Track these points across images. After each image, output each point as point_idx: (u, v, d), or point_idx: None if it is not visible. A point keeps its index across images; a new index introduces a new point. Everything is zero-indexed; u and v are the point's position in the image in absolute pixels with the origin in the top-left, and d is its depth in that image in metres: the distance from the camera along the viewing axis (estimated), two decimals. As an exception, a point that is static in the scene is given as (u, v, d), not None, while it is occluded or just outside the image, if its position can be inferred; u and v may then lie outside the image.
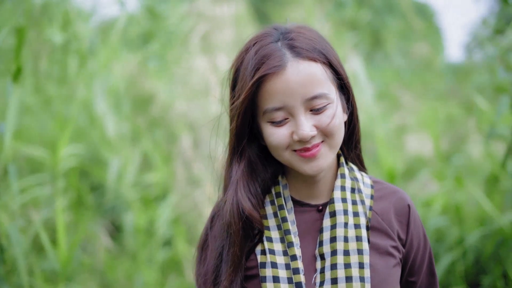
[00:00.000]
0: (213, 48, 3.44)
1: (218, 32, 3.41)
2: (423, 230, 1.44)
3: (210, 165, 3.25)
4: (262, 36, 1.27)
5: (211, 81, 3.39)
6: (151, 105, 3.46)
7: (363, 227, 1.32)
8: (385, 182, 1.46)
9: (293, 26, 1.29)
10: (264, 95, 1.22)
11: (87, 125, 3.27)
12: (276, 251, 1.29)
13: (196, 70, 3.41)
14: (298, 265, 1.27)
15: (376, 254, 1.32)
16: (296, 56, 1.21)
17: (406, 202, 1.41)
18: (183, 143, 3.31)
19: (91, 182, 3.29)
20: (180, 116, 3.40)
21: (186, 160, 3.30)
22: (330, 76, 1.25)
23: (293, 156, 1.26)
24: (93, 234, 3.06)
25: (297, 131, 1.21)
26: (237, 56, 1.30)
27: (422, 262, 1.43)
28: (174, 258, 3.22)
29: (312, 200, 1.36)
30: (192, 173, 3.31)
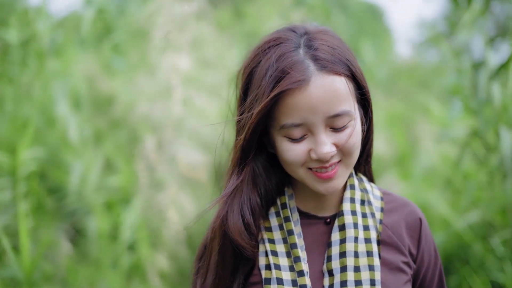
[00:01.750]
0: (174, 47, 3.44)
1: (179, 31, 3.42)
2: (434, 245, 1.39)
3: (175, 168, 3.26)
4: (281, 39, 1.19)
5: (173, 81, 3.38)
6: (112, 106, 3.44)
7: (374, 242, 1.27)
8: (394, 194, 1.40)
9: (314, 30, 1.21)
10: (283, 110, 1.14)
11: (46, 127, 3.22)
12: (282, 266, 1.23)
13: (158, 69, 3.41)
14: (305, 282, 1.21)
15: (387, 270, 1.27)
16: (321, 70, 1.13)
17: (418, 216, 1.35)
18: (146, 145, 3.30)
19: (50, 185, 3.25)
20: (142, 117, 3.39)
21: (150, 162, 3.30)
22: (353, 90, 1.19)
23: (308, 174, 1.20)
24: (54, 239, 3.03)
25: (317, 150, 1.15)
26: (251, 57, 1.22)
27: (432, 279, 1.37)
28: (138, 264, 3.21)
29: (319, 212, 1.30)
30: (156, 176, 3.31)
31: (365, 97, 1.24)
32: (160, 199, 3.27)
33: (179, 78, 3.36)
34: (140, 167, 3.25)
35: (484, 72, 3.30)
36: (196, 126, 3.46)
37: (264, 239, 1.27)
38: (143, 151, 3.30)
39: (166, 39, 3.29)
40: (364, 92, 1.22)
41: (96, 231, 3.08)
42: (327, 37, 1.19)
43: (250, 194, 1.25)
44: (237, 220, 1.22)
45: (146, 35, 3.30)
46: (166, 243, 3.32)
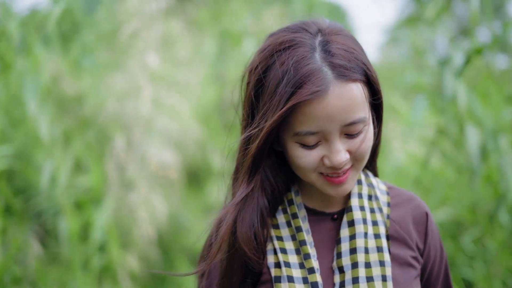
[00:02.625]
0: (144, 45, 3.44)
1: (149, 29, 3.42)
2: (440, 239, 1.38)
3: (145, 167, 3.28)
4: (295, 41, 1.15)
5: (142, 79, 3.39)
6: (81, 106, 3.42)
7: (383, 237, 1.26)
8: (399, 187, 1.39)
9: (328, 30, 1.18)
10: (299, 117, 1.12)
11: (14, 126, 3.19)
12: (292, 263, 1.22)
13: (127, 68, 3.41)
14: (316, 279, 1.20)
15: (397, 266, 1.26)
16: (339, 78, 1.11)
17: (424, 210, 1.34)
18: (116, 144, 3.30)
19: (18, 185, 3.22)
20: (112, 116, 3.38)
21: (120, 162, 3.30)
22: (367, 96, 1.17)
23: (319, 178, 1.19)
24: (23, 240, 3.00)
25: (331, 158, 1.14)
26: (262, 57, 1.17)
27: (438, 274, 1.37)
28: (109, 265, 3.21)
29: (325, 208, 1.29)
30: (126, 176, 3.31)
31: (378, 101, 1.22)
32: (131, 199, 3.28)
33: (148, 76, 3.37)
34: (110, 167, 3.25)
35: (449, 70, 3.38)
36: (167, 125, 3.48)
37: (272, 237, 1.25)
38: (113, 150, 3.29)
39: (135, 37, 3.29)
40: (378, 96, 1.21)
41: (66, 232, 3.06)
42: (342, 38, 1.16)
43: (259, 201, 1.22)
44: (246, 230, 1.20)
45: (115, 33, 3.29)
46: (137, 243, 3.32)
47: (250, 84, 1.19)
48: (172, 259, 3.66)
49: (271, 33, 1.23)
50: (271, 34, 1.22)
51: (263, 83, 1.16)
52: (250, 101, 1.19)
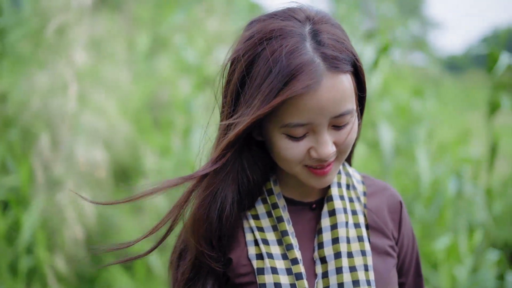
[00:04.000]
0: (69, 42, 3.42)
1: (76, 25, 3.41)
2: (411, 228, 1.39)
3: (72, 166, 3.26)
4: (285, 30, 1.12)
5: (68, 76, 3.36)
6: (3, 104, 3.36)
7: (363, 226, 1.27)
8: (372, 177, 1.40)
9: (317, 18, 1.16)
10: (289, 109, 1.10)
11: None
12: (275, 254, 1.20)
13: (52, 66, 3.38)
14: (300, 270, 1.19)
15: (376, 255, 1.27)
16: (331, 69, 1.10)
17: (398, 199, 1.36)
18: (41, 143, 3.26)
19: None
20: (36, 115, 3.34)
21: (46, 161, 3.26)
22: (355, 87, 1.17)
23: (303, 171, 1.18)
24: None
25: (319, 149, 1.14)
26: (250, 45, 1.14)
27: (411, 262, 1.38)
28: (37, 266, 3.17)
29: (303, 198, 1.29)
30: (53, 175, 3.28)
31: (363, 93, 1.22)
32: (58, 199, 3.25)
33: (75, 73, 3.35)
34: (36, 166, 3.21)
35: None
36: (94, 122, 3.47)
37: (253, 227, 1.24)
38: (38, 149, 3.25)
39: (62, 33, 3.27)
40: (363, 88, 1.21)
41: (-9, 234, 3.01)
42: (331, 27, 1.15)
43: (227, 191, 1.20)
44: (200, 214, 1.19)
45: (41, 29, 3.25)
46: (65, 244, 3.30)
47: (236, 72, 1.15)
48: (101, 260, 3.65)
49: (254, 19, 1.20)
50: (255, 21, 1.19)
51: (251, 72, 1.13)
52: (235, 90, 1.16)
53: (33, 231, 3.11)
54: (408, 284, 1.38)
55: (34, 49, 3.41)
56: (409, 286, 1.39)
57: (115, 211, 3.76)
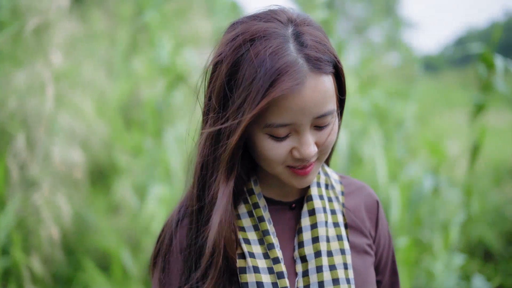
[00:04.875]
0: (47, 42, 3.42)
1: (53, 25, 3.40)
2: (388, 227, 1.43)
3: (49, 166, 3.27)
4: (268, 31, 1.14)
5: (45, 76, 3.35)
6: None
7: (342, 226, 1.30)
8: (349, 177, 1.43)
9: (299, 20, 1.18)
10: (272, 110, 1.12)
11: None
12: (256, 254, 1.22)
13: (29, 65, 3.37)
14: (282, 269, 1.21)
15: (355, 254, 1.30)
16: (314, 70, 1.12)
17: (375, 198, 1.40)
18: (17, 143, 3.25)
19: None
20: (12, 114, 3.34)
21: (22, 161, 3.26)
22: (336, 89, 1.20)
23: (285, 171, 1.21)
24: None
25: (301, 149, 1.16)
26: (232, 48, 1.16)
27: (387, 260, 1.42)
28: (12, 268, 3.16)
29: (283, 198, 1.31)
30: (29, 176, 3.28)
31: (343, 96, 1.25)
32: (34, 199, 3.24)
33: (52, 73, 3.34)
34: (11, 166, 3.20)
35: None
36: (71, 123, 3.47)
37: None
38: (14, 149, 3.25)
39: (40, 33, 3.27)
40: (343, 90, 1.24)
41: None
42: (312, 29, 1.17)
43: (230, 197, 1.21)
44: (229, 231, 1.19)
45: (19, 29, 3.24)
46: (41, 245, 3.30)
47: (221, 75, 1.16)
48: (78, 260, 3.66)
49: (237, 21, 1.21)
50: (237, 22, 1.21)
51: (237, 74, 1.14)
52: (221, 93, 1.16)
53: (9, 232, 3.11)
54: (384, 282, 1.41)
55: (11, 48, 3.40)
56: (385, 284, 1.42)
57: (91, 211, 3.77)
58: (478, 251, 4.77)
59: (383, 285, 1.41)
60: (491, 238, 4.79)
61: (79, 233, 3.72)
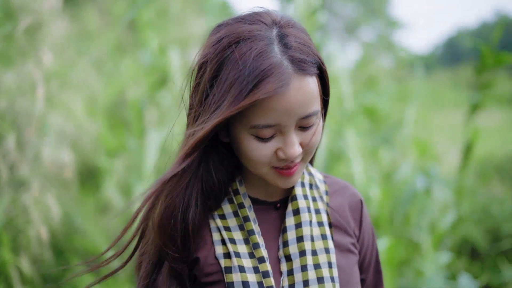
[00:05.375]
0: (39, 43, 3.42)
1: (44, 26, 3.41)
2: (372, 226, 1.45)
3: (39, 166, 3.27)
4: (253, 33, 1.16)
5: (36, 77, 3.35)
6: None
7: (326, 225, 1.32)
8: (333, 176, 1.45)
9: (283, 22, 1.20)
10: (258, 111, 1.14)
11: None
12: (242, 253, 1.23)
13: (20, 65, 3.37)
14: (267, 268, 1.23)
15: (339, 252, 1.32)
16: (298, 72, 1.14)
17: (359, 198, 1.42)
18: (7, 143, 3.25)
19: None
20: (2, 115, 3.34)
21: (11, 161, 3.26)
22: (320, 90, 1.22)
23: (270, 172, 1.22)
24: None
25: (286, 150, 1.17)
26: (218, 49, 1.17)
27: (371, 259, 1.44)
28: (1, 268, 3.17)
29: (268, 197, 1.33)
30: (18, 176, 3.28)
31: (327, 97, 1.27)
32: (23, 199, 3.25)
33: (43, 74, 3.34)
34: (1, 167, 3.20)
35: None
36: (61, 123, 3.48)
37: (220, 227, 1.27)
38: (4, 149, 3.25)
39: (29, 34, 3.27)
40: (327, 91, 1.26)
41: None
42: (297, 31, 1.19)
43: (190, 188, 1.22)
44: (166, 215, 1.20)
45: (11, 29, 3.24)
46: (30, 245, 3.30)
47: (205, 76, 1.18)
48: (67, 260, 3.67)
49: (222, 23, 1.23)
50: (222, 25, 1.23)
51: (220, 74, 1.15)
52: (204, 92, 1.18)
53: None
54: (368, 281, 1.43)
55: (2, 48, 3.39)
56: (369, 283, 1.44)
57: (80, 211, 3.78)
58: (464, 250, 4.80)
59: (367, 284, 1.43)
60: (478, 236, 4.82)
61: (68, 233, 3.73)
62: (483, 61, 3.41)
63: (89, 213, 3.84)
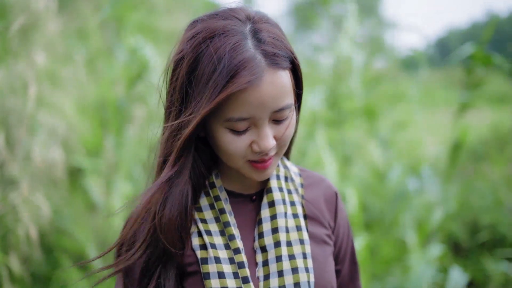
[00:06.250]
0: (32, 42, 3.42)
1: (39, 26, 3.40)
2: (347, 218, 1.49)
3: (29, 166, 3.28)
4: (227, 28, 1.19)
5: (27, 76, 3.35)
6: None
7: (301, 217, 1.36)
8: (309, 170, 1.48)
9: (257, 18, 1.24)
10: (232, 104, 1.17)
11: None
12: (217, 245, 1.27)
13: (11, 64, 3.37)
14: (242, 259, 1.26)
15: (314, 243, 1.36)
16: (271, 66, 1.17)
17: (333, 190, 1.47)
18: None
19: None
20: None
21: (0, 160, 3.26)
22: (293, 82, 1.25)
23: (245, 165, 1.26)
24: None
25: (260, 143, 1.21)
26: (193, 45, 1.20)
27: (346, 250, 1.48)
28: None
29: (244, 190, 1.37)
30: (8, 175, 3.29)
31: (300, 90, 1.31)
32: (12, 198, 3.25)
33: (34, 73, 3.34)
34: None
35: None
36: (52, 122, 3.48)
37: (196, 220, 1.30)
38: (-7, 148, 3.25)
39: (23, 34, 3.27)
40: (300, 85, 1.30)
41: None
42: (270, 26, 1.23)
43: (186, 186, 1.26)
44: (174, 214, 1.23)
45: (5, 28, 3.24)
46: (19, 244, 3.31)
47: (181, 72, 1.21)
48: (56, 259, 3.68)
49: (196, 19, 1.26)
50: (197, 21, 1.26)
51: (196, 70, 1.18)
52: (182, 89, 1.21)
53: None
54: (344, 271, 1.47)
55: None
56: (345, 273, 1.48)
57: (70, 210, 3.78)
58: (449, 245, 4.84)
59: (343, 275, 1.47)
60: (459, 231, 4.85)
61: (57, 232, 3.73)
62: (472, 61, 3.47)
63: (78, 212, 3.85)
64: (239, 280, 1.24)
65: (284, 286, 1.26)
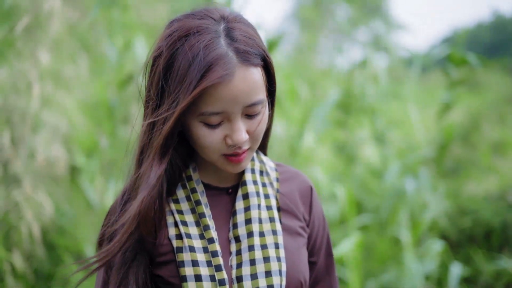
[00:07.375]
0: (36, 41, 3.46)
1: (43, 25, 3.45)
2: (322, 211, 1.55)
3: (32, 163, 3.33)
4: (201, 27, 1.25)
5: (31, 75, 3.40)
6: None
7: (275, 209, 1.42)
8: (285, 165, 1.56)
9: (231, 17, 1.30)
10: (205, 99, 1.23)
11: None
12: (193, 235, 1.33)
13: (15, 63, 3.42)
14: (216, 248, 1.32)
15: (287, 235, 1.42)
16: (243, 62, 1.24)
17: (308, 184, 1.53)
18: (1, 140, 3.30)
19: None
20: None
21: (4, 158, 3.32)
22: (265, 79, 1.31)
23: (220, 159, 1.32)
24: None
25: (233, 136, 1.27)
26: (169, 43, 1.26)
27: (321, 243, 1.53)
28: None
29: (220, 183, 1.43)
30: (11, 172, 3.34)
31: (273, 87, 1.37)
32: (15, 196, 3.30)
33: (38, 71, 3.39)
34: (-5, 163, 3.26)
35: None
36: (56, 120, 3.53)
37: (173, 211, 1.36)
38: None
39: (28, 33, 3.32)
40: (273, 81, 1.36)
41: None
42: (243, 26, 1.29)
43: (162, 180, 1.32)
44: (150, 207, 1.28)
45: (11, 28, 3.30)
46: (22, 241, 3.36)
47: (158, 68, 1.27)
48: (59, 256, 3.72)
49: (174, 19, 1.33)
50: (174, 20, 1.32)
51: (172, 66, 1.25)
52: (159, 85, 1.27)
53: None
54: (320, 263, 1.53)
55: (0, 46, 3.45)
56: (321, 264, 1.53)
57: (71, 208, 3.83)
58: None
59: (319, 266, 1.53)
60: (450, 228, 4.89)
61: (59, 229, 3.78)
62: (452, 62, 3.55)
63: (80, 209, 3.90)
64: (212, 268, 1.30)
65: (255, 274, 1.32)
